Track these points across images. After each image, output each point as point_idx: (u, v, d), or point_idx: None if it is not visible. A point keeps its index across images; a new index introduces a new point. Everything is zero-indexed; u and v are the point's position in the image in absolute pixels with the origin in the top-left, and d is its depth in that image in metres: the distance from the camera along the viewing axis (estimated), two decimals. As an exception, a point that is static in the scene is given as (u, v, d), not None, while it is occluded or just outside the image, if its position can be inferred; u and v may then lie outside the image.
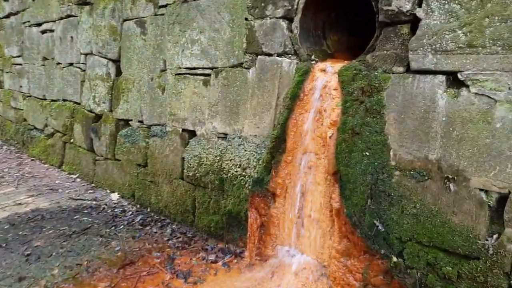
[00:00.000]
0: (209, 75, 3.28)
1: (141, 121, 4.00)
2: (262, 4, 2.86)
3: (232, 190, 3.08)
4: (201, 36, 3.31)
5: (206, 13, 3.25)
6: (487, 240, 1.91)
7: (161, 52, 3.72)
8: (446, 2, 2.00)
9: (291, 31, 2.76)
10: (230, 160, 3.10)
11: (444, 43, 2.01)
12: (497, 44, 1.85)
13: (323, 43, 2.97)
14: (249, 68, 2.98)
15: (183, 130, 3.54)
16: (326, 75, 2.51)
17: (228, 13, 3.09)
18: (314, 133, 2.51)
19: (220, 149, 3.19)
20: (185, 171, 3.50)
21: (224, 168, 3.15)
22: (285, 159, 2.64)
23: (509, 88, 1.83)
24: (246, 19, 2.97)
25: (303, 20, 2.74)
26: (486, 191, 1.92)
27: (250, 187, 2.80)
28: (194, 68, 3.41)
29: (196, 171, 3.38)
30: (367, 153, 2.28)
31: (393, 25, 2.25)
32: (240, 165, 3.03)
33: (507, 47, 1.83)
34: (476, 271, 1.94)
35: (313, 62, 2.66)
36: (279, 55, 2.81)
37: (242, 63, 3.03)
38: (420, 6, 2.11)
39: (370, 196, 2.26)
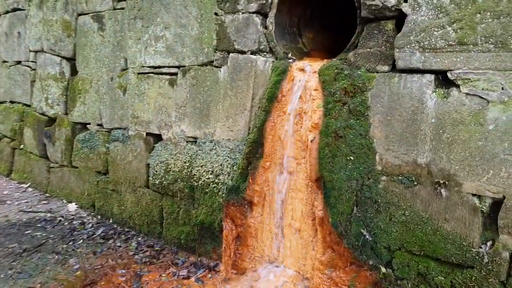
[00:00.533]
0: (175, 74, 3.03)
1: (100, 125, 3.67)
2: (234, -2, 2.65)
3: (204, 199, 2.85)
4: (166, 32, 3.05)
5: (171, 7, 3.00)
6: (481, 247, 1.82)
7: (121, 49, 3.42)
8: (434, -4, 1.89)
9: (265, 27, 2.58)
10: (201, 166, 2.87)
11: (432, 40, 1.90)
12: (490, 42, 1.76)
13: (298, 41, 2.81)
14: (220, 67, 2.76)
15: (148, 134, 3.27)
16: (305, 75, 2.35)
17: (196, 7, 2.86)
18: (293, 137, 2.34)
19: (190, 154, 2.95)
20: (150, 178, 3.23)
21: (195, 175, 2.91)
22: (263, 165, 2.45)
23: (503, 88, 1.74)
24: (216, 13, 2.75)
25: (278, 16, 2.57)
26: (479, 196, 1.83)
27: (224, 195, 2.59)
28: (159, 67, 3.14)
29: (163, 179, 3.12)
30: (352, 158, 2.13)
31: (377, 21, 2.12)
32: (212, 171, 2.81)
33: (500, 45, 1.74)
34: (470, 280, 1.84)
35: (290, 60, 2.49)
36: (253, 52, 2.62)
37: (212, 61, 2.81)
38: (406, 1, 1.98)
39: (356, 204, 2.12)
